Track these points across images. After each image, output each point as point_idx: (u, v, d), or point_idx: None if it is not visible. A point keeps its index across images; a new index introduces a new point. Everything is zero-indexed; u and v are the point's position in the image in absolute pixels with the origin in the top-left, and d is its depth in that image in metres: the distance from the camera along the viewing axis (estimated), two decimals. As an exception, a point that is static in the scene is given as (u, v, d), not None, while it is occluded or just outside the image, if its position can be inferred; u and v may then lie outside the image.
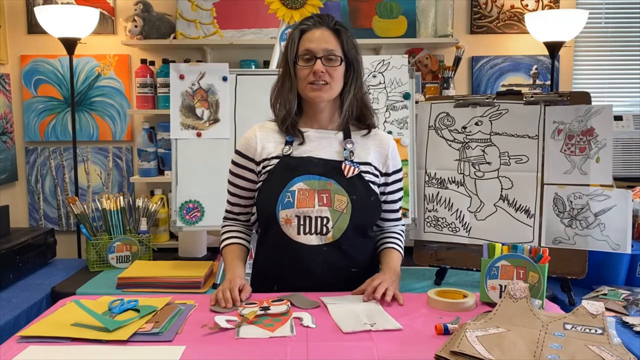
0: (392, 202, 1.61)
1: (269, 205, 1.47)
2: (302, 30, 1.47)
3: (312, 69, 1.43)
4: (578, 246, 1.99)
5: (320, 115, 1.53)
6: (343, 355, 1.10)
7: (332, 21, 1.47)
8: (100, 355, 1.11)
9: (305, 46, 1.45)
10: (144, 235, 2.60)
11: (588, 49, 3.39)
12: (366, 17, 3.15)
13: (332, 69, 1.44)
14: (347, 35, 1.47)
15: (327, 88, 1.46)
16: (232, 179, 1.58)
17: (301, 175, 1.46)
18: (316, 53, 1.43)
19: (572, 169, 2.02)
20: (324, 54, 1.43)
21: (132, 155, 3.28)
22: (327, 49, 1.44)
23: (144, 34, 3.01)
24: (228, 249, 1.58)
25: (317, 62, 1.43)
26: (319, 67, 1.43)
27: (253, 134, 1.55)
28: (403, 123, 2.38)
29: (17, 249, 2.36)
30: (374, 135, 1.56)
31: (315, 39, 1.44)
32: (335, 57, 1.44)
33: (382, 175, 1.56)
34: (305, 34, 1.46)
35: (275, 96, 1.53)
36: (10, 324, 1.95)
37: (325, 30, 1.45)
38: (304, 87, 1.46)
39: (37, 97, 3.21)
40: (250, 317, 1.26)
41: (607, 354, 1.03)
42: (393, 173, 1.58)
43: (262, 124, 1.58)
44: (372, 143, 1.55)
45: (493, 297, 1.37)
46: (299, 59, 1.45)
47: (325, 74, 1.44)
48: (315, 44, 1.44)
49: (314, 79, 1.44)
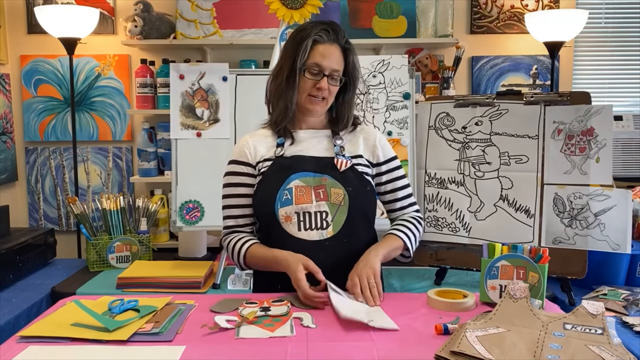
0: (392, 191, 1.60)
1: (267, 204, 1.47)
2: (315, 40, 1.48)
3: (316, 84, 1.48)
4: (578, 246, 1.99)
5: (309, 118, 1.57)
6: (343, 355, 1.10)
7: (344, 38, 1.52)
8: (100, 355, 1.11)
9: (316, 60, 1.47)
10: (144, 235, 2.60)
11: (588, 49, 3.39)
12: (366, 17, 3.15)
13: (332, 87, 1.51)
14: (354, 56, 1.53)
15: (323, 103, 1.52)
16: (229, 191, 1.55)
17: (296, 173, 1.48)
18: (324, 70, 1.48)
19: (572, 169, 2.02)
20: (330, 73, 1.48)
21: (132, 155, 3.28)
22: (334, 68, 1.49)
23: (144, 34, 3.01)
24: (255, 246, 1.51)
25: (324, 79, 1.48)
26: (324, 84, 1.48)
27: (245, 141, 1.58)
28: (403, 123, 2.38)
29: (17, 249, 2.36)
30: (360, 130, 1.60)
31: (327, 56, 1.48)
32: (337, 77, 1.50)
33: (374, 165, 1.58)
34: (318, 46, 1.48)
35: (275, 96, 1.54)
36: (10, 324, 1.95)
37: (337, 49, 1.50)
38: (304, 97, 1.51)
39: (37, 97, 3.21)
40: (250, 317, 1.26)
41: (607, 354, 1.03)
42: (385, 162, 1.58)
43: (252, 132, 1.61)
44: (360, 137, 1.59)
45: (493, 297, 1.37)
46: (307, 71, 1.48)
47: (326, 91, 1.49)
48: (327, 62, 1.48)
49: (316, 94, 1.49)
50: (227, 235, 1.57)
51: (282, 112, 1.52)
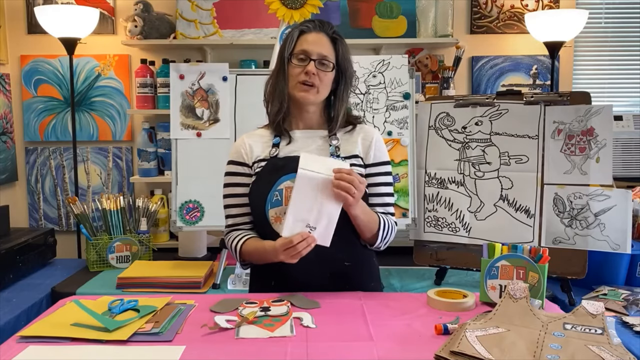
0: (376, 195, 1.54)
1: (259, 205, 1.48)
2: (302, 30, 1.51)
3: (304, 69, 1.47)
4: (578, 246, 1.99)
5: (306, 115, 1.56)
6: (343, 355, 1.11)
7: (331, 29, 1.52)
8: (100, 355, 1.11)
9: (301, 46, 1.49)
10: (144, 235, 2.60)
11: (588, 49, 3.38)
12: (366, 17, 3.15)
13: (323, 74, 1.48)
14: (343, 46, 1.52)
15: (314, 91, 1.49)
16: (229, 191, 1.56)
17: (288, 174, 1.46)
18: (311, 55, 1.47)
19: (572, 169, 2.02)
20: (318, 58, 1.48)
21: (132, 155, 3.28)
22: (321, 53, 1.48)
23: (144, 34, 3.01)
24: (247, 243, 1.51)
25: (311, 63, 1.47)
26: (311, 68, 1.47)
27: (241, 141, 1.58)
28: (403, 123, 2.38)
29: (17, 249, 2.36)
30: (359, 129, 1.59)
31: (312, 41, 1.49)
32: (328, 63, 1.49)
33: (366, 166, 1.55)
34: (303, 35, 1.50)
35: (269, 91, 1.56)
36: (10, 324, 1.95)
37: (324, 36, 1.50)
38: (294, 85, 1.49)
39: (37, 97, 3.21)
40: (250, 317, 1.26)
41: (607, 354, 1.03)
42: (376, 165, 1.55)
43: (250, 132, 1.61)
44: (358, 136, 1.57)
45: (493, 297, 1.37)
46: (294, 58, 1.49)
47: (315, 77, 1.47)
48: (312, 46, 1.48)
49: (305, 79, 1.47)
50: (228, 233, 1.59)
51: (277, 108, 1.52)
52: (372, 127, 1.70)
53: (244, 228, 1.57)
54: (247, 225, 1.58)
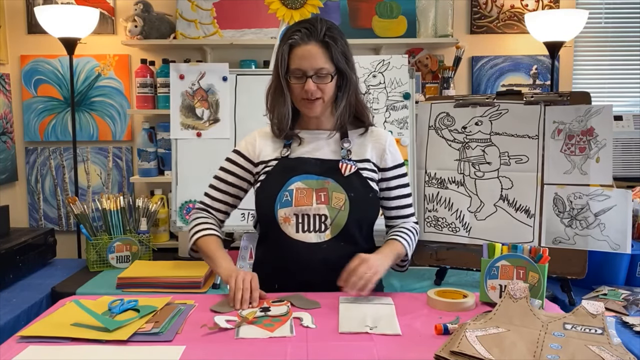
0: (396, 197, 1.59)
1: (268, 204, 1.48)
2: (291, 45, 1.45)
3: (303, 87, 1.44)
4: (578, 246, 1.99)
5: (314, 118, 1.54)
6: (343, 355, 1.11)
7: (322, 32, 1.43)
8: (100, 355, 1.11)
9: (296, 64, 1.44)
10: (144, 235, 2.60)
11: (588, 49, 3.39)
12: (366, 17, 3.15)
13: (323, 85, 1.45)
14: (336, 46, 1.44)
15: (319, 103, 1.48)
16: (222, 175, 1.58)
17: (299, 175, 1.47)
18: (307, 72, 1.44)
19: (572, 169, 2.02)
20: (314, 72, 1.44)
21: (132, 155, 3.28)
22: (316, 67, 1.43)
23: (144, 34, 3.01)
24: (209, 239, 1.52)
25: (309, 81, 1.44)
26: (311, 86, 1.44)
27: (254, 138, 1.58)
28: (403, 123, 2.38)
29: (17, 249, 2.36)
30: (371, 133, 1.58)
31: (305, 56, 1.43)
32: (325, 75, 1.45)
33: (380, 170, 1.56)
34: (294, 50, 1.44)
35: (270, 104, 1.55)
36: (10, 324, 1.95)
37: (314, 46, 1.43)
38: (298, 102, 1.49)
39: (37, 97, 3.21)
40: (250, 318, 1.26)
41: (607, 354, 1.03)
42: (392, 168, 1.57)
43: (262, 129, 1.60)
44: (370, 140, 1.56)
45: (493, 297, 1.37)
46: (291, 77, 1.46)
47: (317, 91, 1.45)
48: (307, 62, 1.43)
49: (306, 97, 1.46)
50: (197, 210, 1.60)
51: (280, 121, 1.52)
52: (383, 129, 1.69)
53: (213, 215, 1.59)
54: (219, 213, 1.59)
